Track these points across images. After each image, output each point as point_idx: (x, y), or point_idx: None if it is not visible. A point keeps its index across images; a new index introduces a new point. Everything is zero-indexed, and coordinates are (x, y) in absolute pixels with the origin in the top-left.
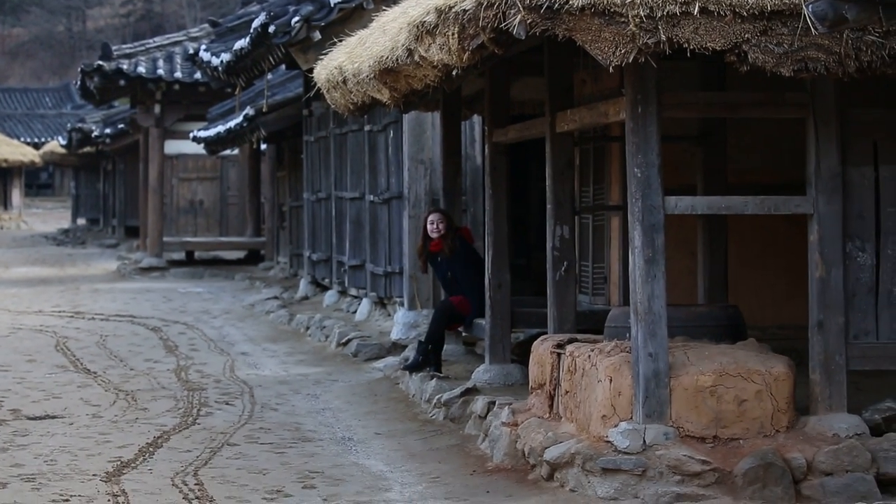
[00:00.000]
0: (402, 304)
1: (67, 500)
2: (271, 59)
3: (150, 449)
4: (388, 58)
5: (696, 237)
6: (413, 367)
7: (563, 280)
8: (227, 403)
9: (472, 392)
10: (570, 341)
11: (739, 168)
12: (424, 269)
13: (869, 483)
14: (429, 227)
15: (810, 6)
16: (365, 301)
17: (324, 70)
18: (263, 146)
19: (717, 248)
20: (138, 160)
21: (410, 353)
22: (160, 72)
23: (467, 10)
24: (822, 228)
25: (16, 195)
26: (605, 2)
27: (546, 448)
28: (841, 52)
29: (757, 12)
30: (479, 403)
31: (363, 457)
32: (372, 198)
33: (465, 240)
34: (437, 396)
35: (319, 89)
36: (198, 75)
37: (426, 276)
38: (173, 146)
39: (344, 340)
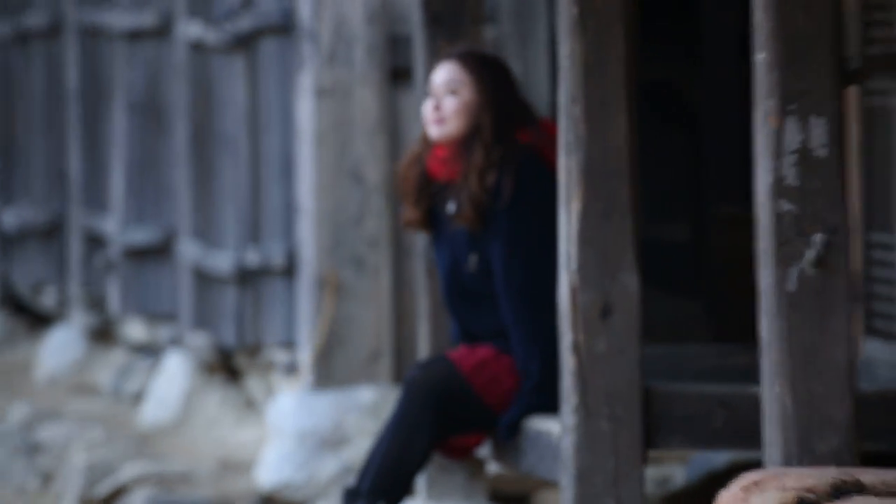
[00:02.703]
0: (290, 370)
1: None
2: None
3: None
4: None
5: None
6: None
7: (810, 289)
8: None
9: None
10: (841, 491)
11: None
12: (422, 224)
13: None
14: (429, 102)
15: None
16: (176, 361)
17: None
18: None
19: None
20: None
21: None
22: None
23: None
24: None
25: None
26: None
27: None
28: None
29: None
30: None
31: None
32: (197, 31)
33: (536, 163)
34: None
35: None
36: None
37: (374, 284)
38: None
39: (106, 494)
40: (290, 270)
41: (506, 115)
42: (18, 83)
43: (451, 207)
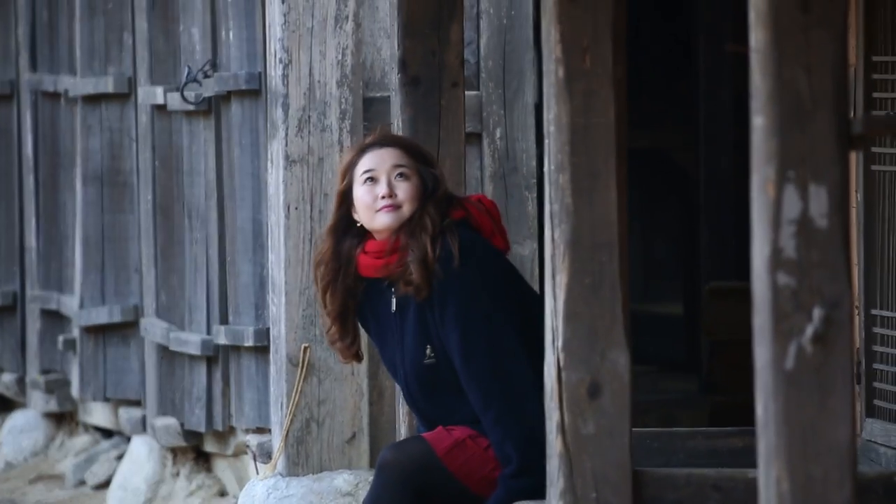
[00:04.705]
0: (263, 455)
1: None
2: None
3: None
4: None
5: None
6: None
7: (809, 367)
8: None
9: None
10: None
11: None
12: (350, 354)
13: None
14: (361, 188)
15: None
16: (142, 446)
17: None
18: None
19: None
20: None
21: None
22: None
23: None
24: None
25: None
26: None
27: None
28: None
29: None
30: None
31: None
32: (160, 95)
33: (476, 234)
34: None
35: None
36: None
37: (350, 363)
38: None
39: None
40: (262, 349)
41: (444, 200)
42: None
43: (394, 303)
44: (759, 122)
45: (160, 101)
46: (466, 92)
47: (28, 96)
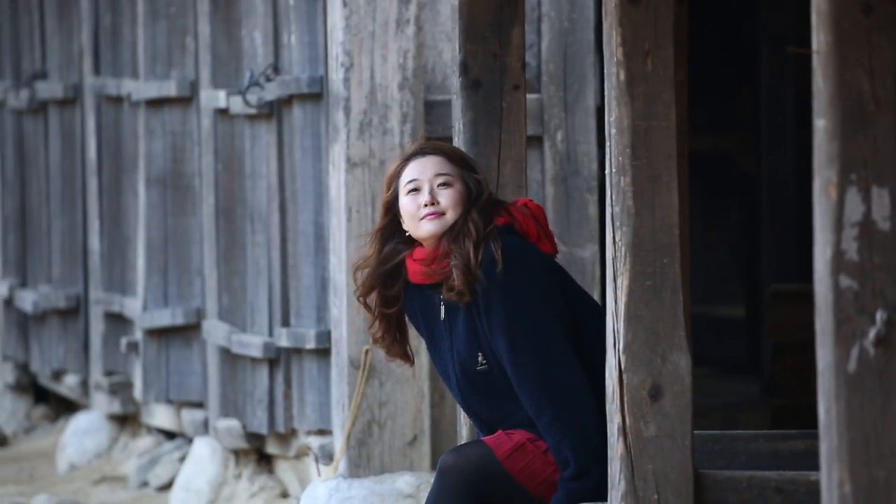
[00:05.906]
0: (325, 457)
1: None
2: None
3: None
4: None
5: None
6: None
7: (871, 370)
8: None
9: None
10: None
11: None
12: (396, 354)
13: None
14: (405, 198)
15: None
16: (204, 448)
17: None
18: None
19: None
20: None
21: None
22: None
23: None
24: None
25: None
26: None
27: None
28: None
29: None
30: None
31: None
32: (222, 99)
33: (519, 238)
34: None
35: None
36: None
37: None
38: None
39: None
40: (323, 352)
41: (488, 205)
42: (34, 155)
43: (442, 311)
44: (821, 125)
45: (222, 104)
46: (528, 95)
47: (91, 100)
